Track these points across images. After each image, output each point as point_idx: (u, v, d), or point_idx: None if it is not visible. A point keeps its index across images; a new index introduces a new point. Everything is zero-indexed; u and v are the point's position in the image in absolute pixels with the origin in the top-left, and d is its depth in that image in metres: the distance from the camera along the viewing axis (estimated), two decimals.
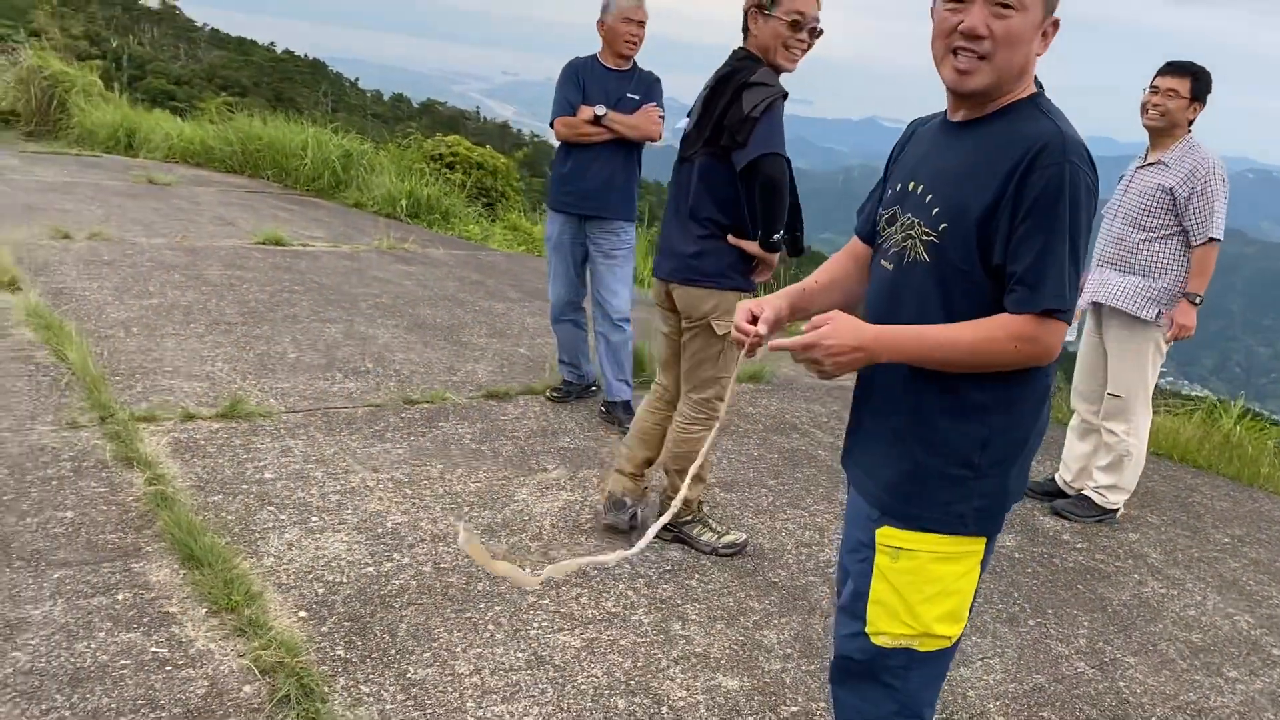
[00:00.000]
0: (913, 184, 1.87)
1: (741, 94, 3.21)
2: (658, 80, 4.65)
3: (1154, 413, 4.63)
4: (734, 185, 3.32)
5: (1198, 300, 4.15)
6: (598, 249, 4.68)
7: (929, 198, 1.81)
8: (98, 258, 6.43)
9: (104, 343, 4.83)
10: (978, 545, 1.88)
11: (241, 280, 6.40)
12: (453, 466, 4.00)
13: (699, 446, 3.48)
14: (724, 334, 3.32)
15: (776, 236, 3.33)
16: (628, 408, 4.72)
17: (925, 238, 1.79)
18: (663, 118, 4.60)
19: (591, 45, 4.72)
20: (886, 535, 1.88)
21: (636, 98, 4.56)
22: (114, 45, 26.25)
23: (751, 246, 3.36)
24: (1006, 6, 1.70)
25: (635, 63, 4.66)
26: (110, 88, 13.42)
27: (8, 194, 8.09)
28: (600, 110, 4.48)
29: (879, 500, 1.91)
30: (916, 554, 1.86)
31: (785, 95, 3.27)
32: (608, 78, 4.58)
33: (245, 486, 3.57)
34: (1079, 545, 4.17)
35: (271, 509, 3.43)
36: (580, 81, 4.58)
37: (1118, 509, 4.44)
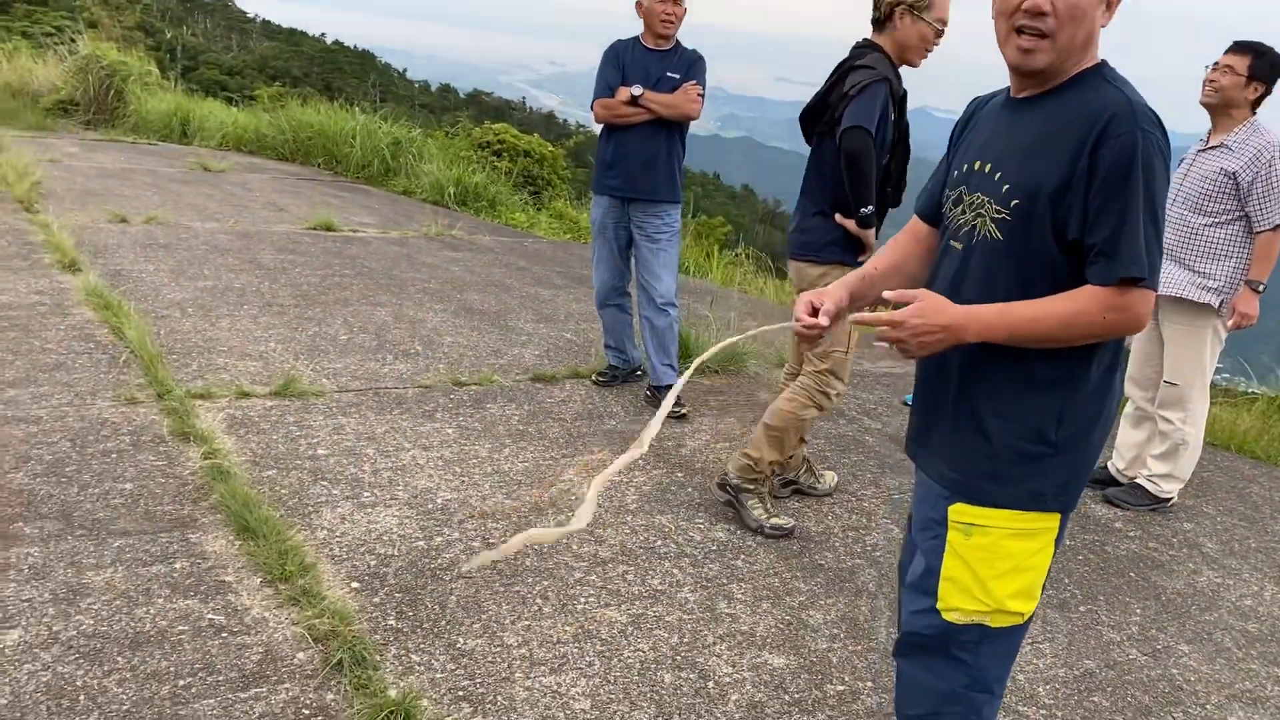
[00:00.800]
0: (979, 163, 1.86)
1: (847, 76, 3.45)
2: (700, 58, 4.61)
3: (1211, 404, 4.54)
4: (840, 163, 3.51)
5: (1261, 288, 4.05)
6: (642, 232, 4.67)
7: (998, 175, 1.80)
8: (154, 241, 6.56)
9: (161, 322, 4.93)
10: (1053, 521, 1.86)
11: (293, 264, 6.49)
12: (500, 446, 4.03)
13: (803, 415, 3.57)
14: None
15: (864, 211, 3.44)
16: None
17: (996, 215, 1.78)
18: (702, 95, 4.56)
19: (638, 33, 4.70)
20: (959, 512, 1.87)
21: (677, 76, 4.53)
22: (168, 36, 26.72)
23: (849, 223, 3.49)
24: None
25: (678, 42, 4.63)
26: (165, 77, 13.67)
27: (68, 179, 8.28)
28: (637, 90, 4.46)
29: (953, 482, 1.89)
30: (990, 530, 1.84)
31: (888, 79, 3.43)
32: (648, 58, 4.57)
33: (299, 462, 3.63)
34: (1132, 533, 4.10)
35: (324, 484, 3.49)
36: (620, 63, 4.58)
37: (1171, 498, 4.36)
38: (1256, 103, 4.06)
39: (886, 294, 1.80)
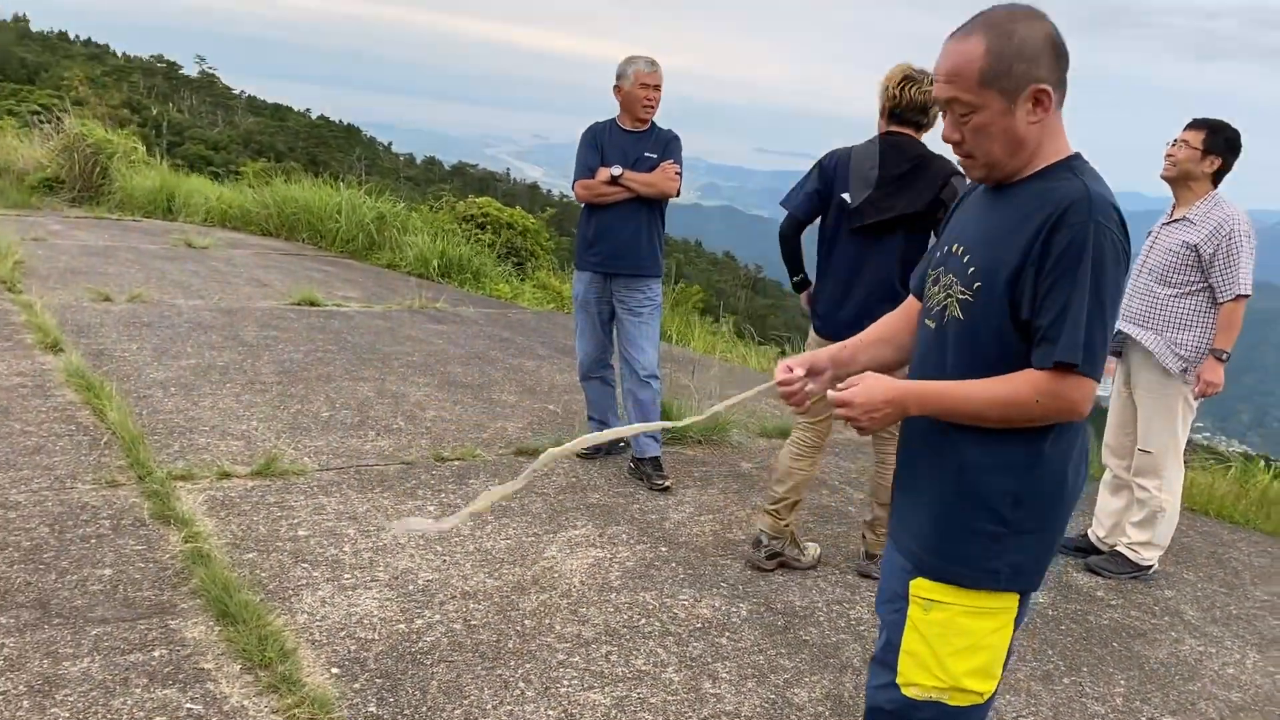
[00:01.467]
0: (955, 246, 1.94)
1: (951, 179, 3.65)
2: (675, 138, 4.74)
3: (1188, 468, 4.59)
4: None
5: (1224, 356, 4.13)
6: (624, 306, 4.74)
7: (966, 258, 1.88)
8: (137, 319, 6.58)
9: (142, 402, 4.93)
10: (1010, 602, 1.89)
11: (277, 340, 6.52)
12: (483, 523, 4.03)
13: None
14: None
15: None
16: (657, 464, 4.75)
17: (961, 296, 1.86)
18: (679, 174, 4.69)
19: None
20: (919, 587, 1.91)
21: (654, 156, 4.66)
22: (154, 113, 27.04)
23: None
24: (962, 115, 1.82)
25: (654, 122, 4.76)
26: (151, 153, 13.80)
27: (51, 258, 8.32)
28: (616, 170, 4.58)
29: (913, 555, 1.94)
30: (948, 606, 1.88)
31: None
32: (625, 139, 4.69)
33: (279, 544, 3.61)
34: (1114, 602, 4.11)
35: (305, 566, 3.47)
36: (599, 144, 4.70)
37: (1152, 565, 4.39)
38: (1217, 176, 4.19)
39: (839, 385, 1.90)
